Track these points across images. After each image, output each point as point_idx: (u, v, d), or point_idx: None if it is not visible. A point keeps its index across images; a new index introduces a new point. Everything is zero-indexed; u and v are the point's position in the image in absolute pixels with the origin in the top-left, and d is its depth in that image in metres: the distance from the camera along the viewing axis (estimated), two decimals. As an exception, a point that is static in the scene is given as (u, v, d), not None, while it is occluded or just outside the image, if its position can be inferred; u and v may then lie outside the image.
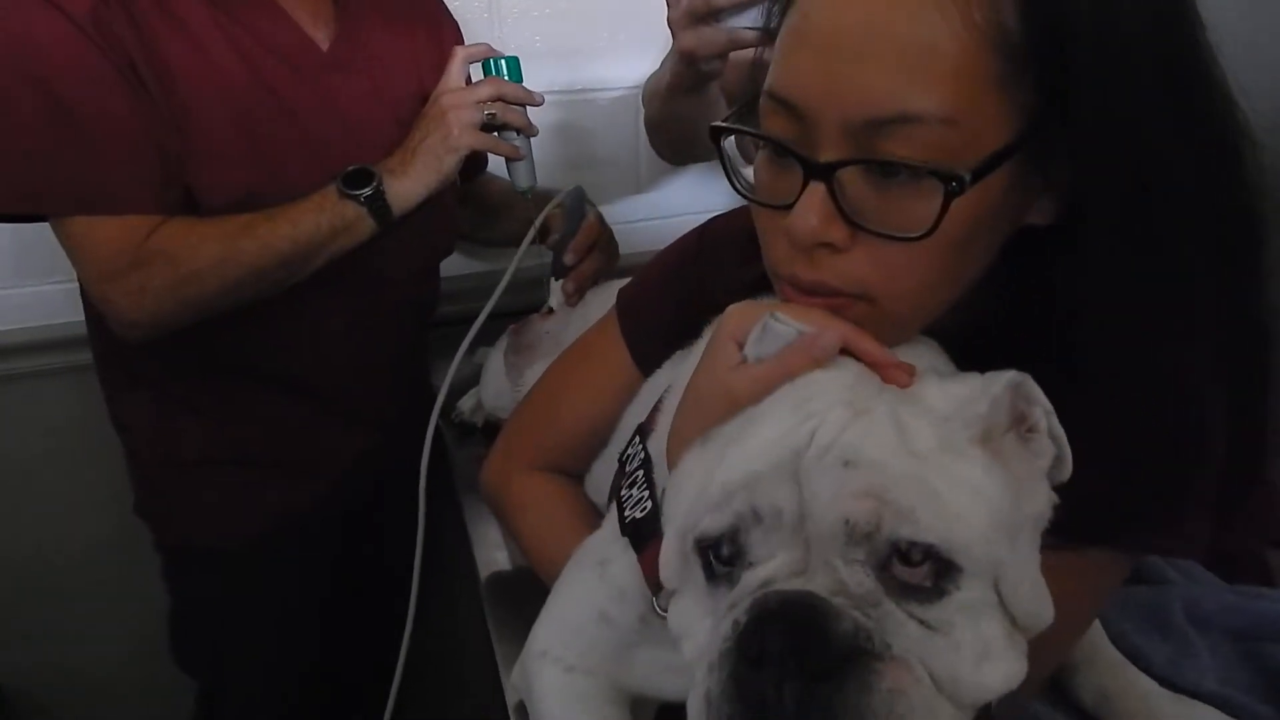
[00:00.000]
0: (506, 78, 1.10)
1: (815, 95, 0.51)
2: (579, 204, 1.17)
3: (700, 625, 0.46)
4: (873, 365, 0.52)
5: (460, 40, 1.25)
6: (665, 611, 0.60)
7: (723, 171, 0.60)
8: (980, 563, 0.43)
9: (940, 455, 0.45)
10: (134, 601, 1.31)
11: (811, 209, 0.52)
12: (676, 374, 0.69)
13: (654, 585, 0.61)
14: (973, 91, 0.49)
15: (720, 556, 0.45)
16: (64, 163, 0.93)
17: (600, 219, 1.18)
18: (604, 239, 1.18)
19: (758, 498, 0.44)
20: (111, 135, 0.93)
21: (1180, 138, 0.53)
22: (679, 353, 0.74)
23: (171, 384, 1.11)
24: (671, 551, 0.48)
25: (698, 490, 0.47)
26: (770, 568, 0.44)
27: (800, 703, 0.40)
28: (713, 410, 0.52)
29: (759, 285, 0.63)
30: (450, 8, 1.25)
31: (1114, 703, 0.68)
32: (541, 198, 1.18)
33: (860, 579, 0.43)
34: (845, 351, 0.52)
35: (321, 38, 1.08)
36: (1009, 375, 0.48)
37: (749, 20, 0.92)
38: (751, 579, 0.44)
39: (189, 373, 1.10)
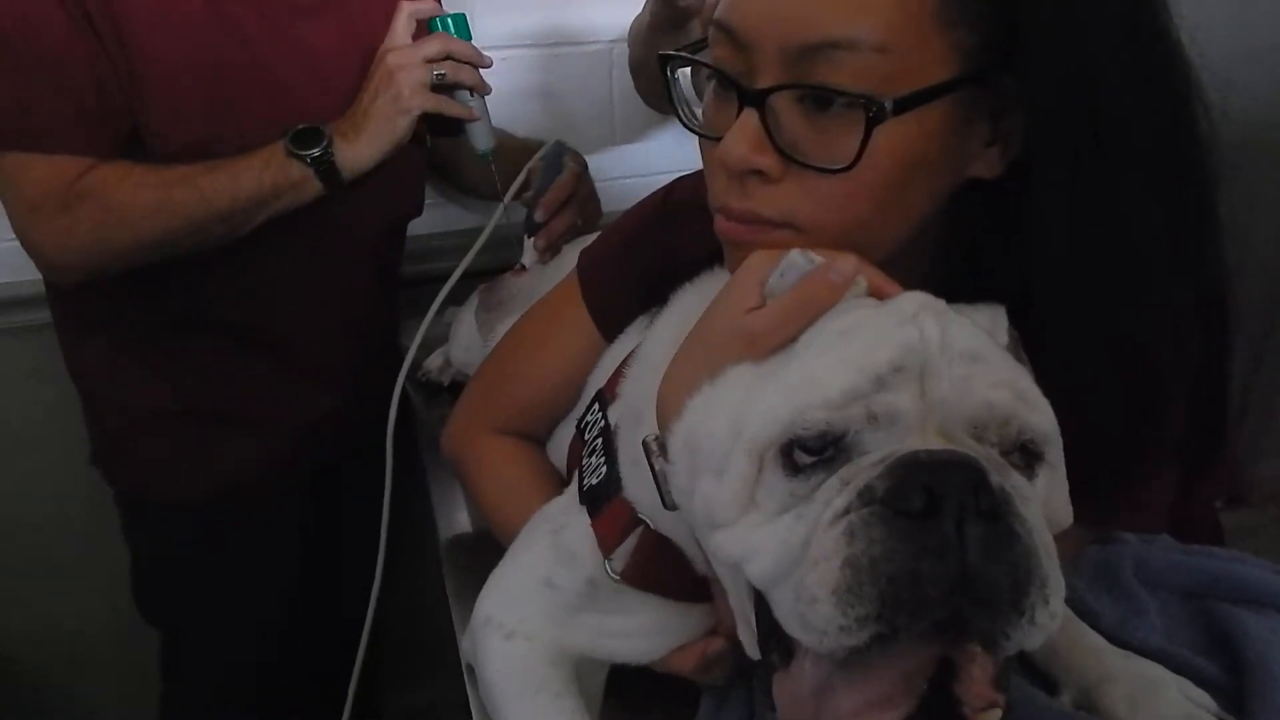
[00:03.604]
0: (453, 33, 1.05)
1: (755, 21, 0.52)
2: (557, 158, 1.15)
3: (770, 530, 0.46)
4: (881, 294, 0.51)
5: None
6: (617, 575, 0.62)
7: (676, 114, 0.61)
8: (1053, 456, 0.48)
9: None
10: (107, 555, 1.31)
11: (743, 135, 0.53)
12: (641, 340, 0.69)
13: (607, 549, 0.62)
14: (910, 24, 0.50)
15: (808, 448, 0.45)
16: None
17: (579, 174, 1.16)
18: (582, 194, 1.15)
19: (876, 404, 0.44)
20: (47, 71, 0.91)
21: (1134, 92, 0.53)
22: (642, 318, 0.74)
23: (124, 333, 1.11)
24: (738, 476, 0.47)
25: (766, 408, 0.46)
26: (891, 448, 0.44)
27: (984, 541, 0.41)
28: (726, 351, 0.50)
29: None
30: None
31: (1063, 657, 0.69)
32: (521, 149, 1.16)
33: (994, 456, 0.45)
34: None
35: None
36: (1001, 307, 0.52)
37: None
38: (867, 459, 0.44)
39: (141, 322, 1.10)
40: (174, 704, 1.33)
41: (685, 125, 0.61)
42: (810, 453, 0.45)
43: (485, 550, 0.77)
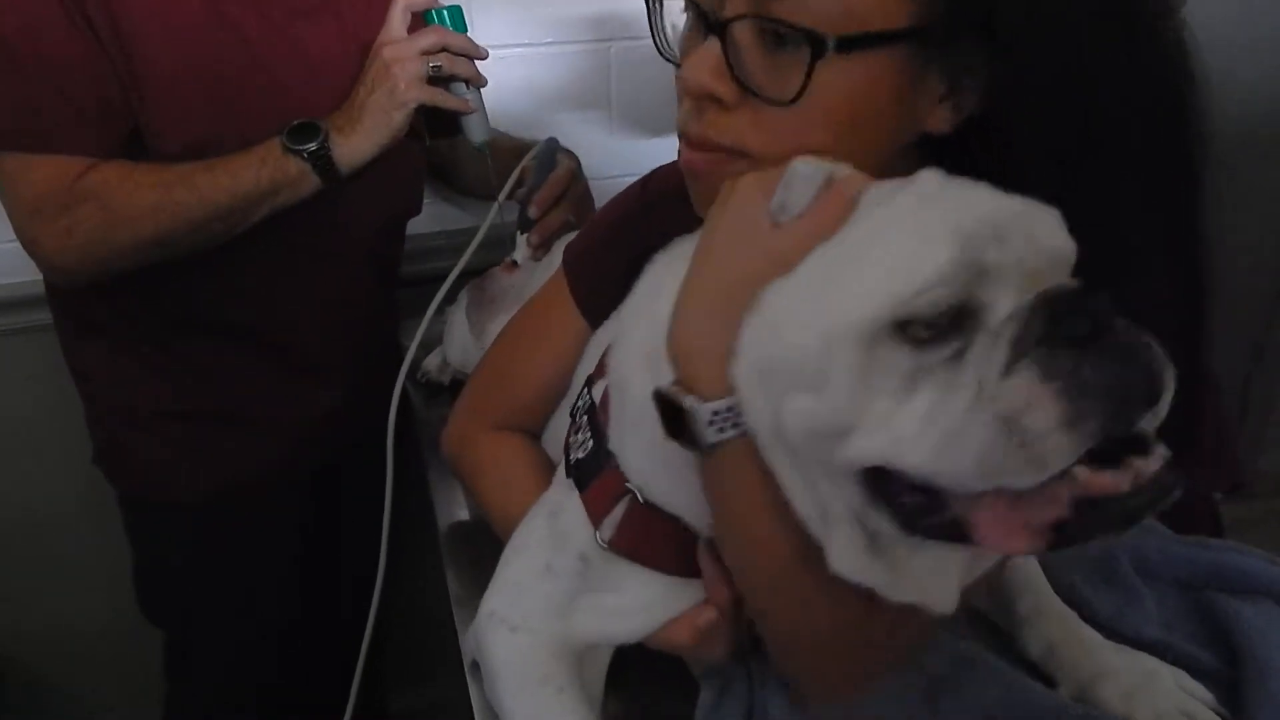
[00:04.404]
0: (449, 26, 1.06)
1: None
2: (550, 156, 1.15)
3: (912, 410, 0.46)
4: None
5: None
6: (606, 545, 0.63)
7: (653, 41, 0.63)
8: None
9: None
10: (107, 556, 1.32)
11: (703, 62, 0.56)
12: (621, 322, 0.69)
13: (596, 518, 0.63)
14: None
15: (927, 322, 0.45)
16: None
17: (573, 171, 1.16)
18: (575, 192, 1.15)
19: (983, 263, 0.46)
20: (47, 72, 0.91)
21: (1115, 67, 0.54)
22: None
23: (124, 333, 1.11)
24: (849, 371, 0.46)
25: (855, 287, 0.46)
26: (1011, 298, 0.46)
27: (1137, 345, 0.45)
28: (756, 277, 0.50)
29: None
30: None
31: (1060, 653, 0.69)
32: (515, 150, 1.17)
33: None
34: None
35: None
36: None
37: None
38: (997, 313, 0.46)
39: (141, 322, 1.10)
40: (178, 704, 1.34)
41: (662, 55, 0.63)
42: (929, 326, 0.46)
43: (486, 549, 0.77)
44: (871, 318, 0.45)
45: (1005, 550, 0.49)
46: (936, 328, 0.45)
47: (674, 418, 0.53)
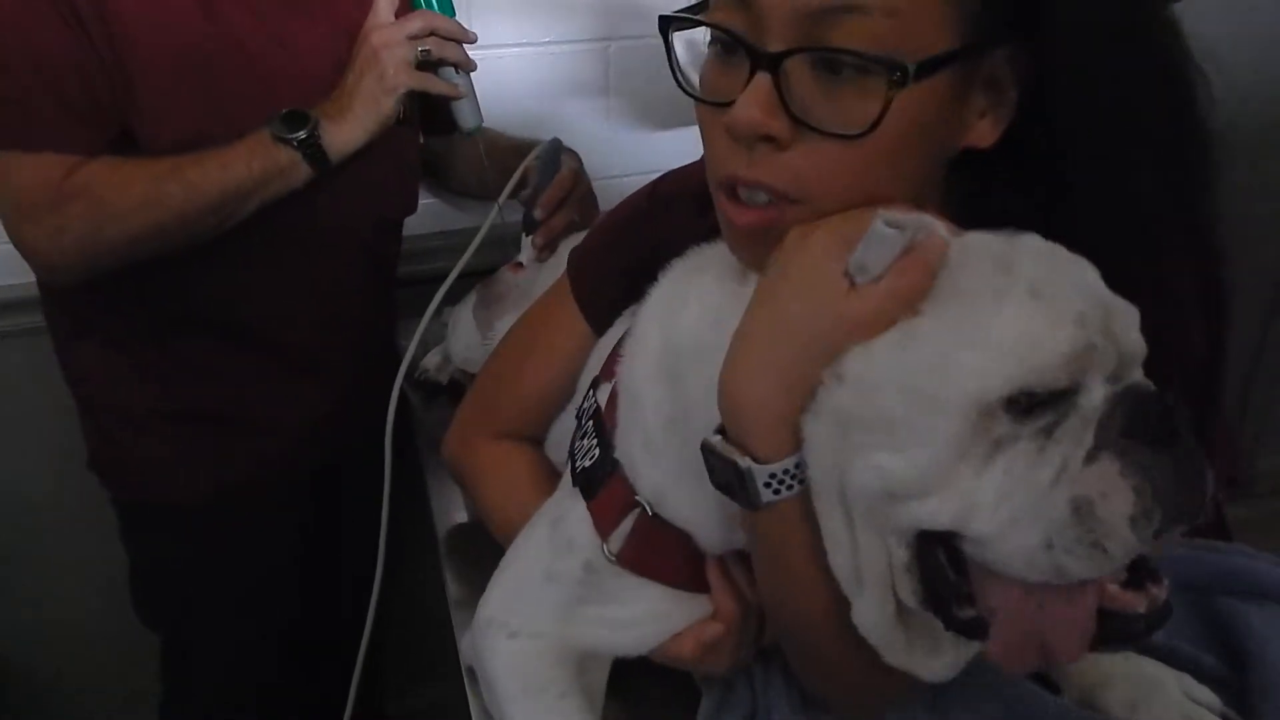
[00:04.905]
0: (436, 10, 1.05)
1: None
2: (554, 157, 1.14)
3: (990, 480, 0.46)
4: None
5: None
6: (614, 557, 0.62)
7: (674, 79, 0.59)
8: None
9: None
10: (107, 556, 1.31)
11: (755, 100, 0.52)
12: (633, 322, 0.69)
13: (604, 531, 0.63)
14: None
15: (1035, 396, 0.46)
16: None
17: (576, 172, 1.15)
18: (580, 192, 1.14)
19: (1096, 350, 0.47)
20: (36, 69, 0.91)
21: (1137, 60, 0.54)
22: (630, 309, 0.74)
23: (119, 333, 1.10)
24: (949, 439, 0.46)
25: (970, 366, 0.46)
26: (1105, 385, 0.47)
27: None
28: (828, 339, 0.50)
29: (713, 237, 0.63)
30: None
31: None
32: (515, 149, 1.16)
33: None
34: None
35: None
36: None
37: None
38: (1091, 398, 0.47)
39: (135, 322, 1.09)
40: (174, 706, 1.33)
41: (685, 91, 0.59)
42: (1031, 395, 0.46)
43: (485, 550, 0.76)
44: (992, 394, 0.46)
45: (1010, 663, 0.50)
46: (1038, 400, 0.46)
47: (722, 469, 0.53)
